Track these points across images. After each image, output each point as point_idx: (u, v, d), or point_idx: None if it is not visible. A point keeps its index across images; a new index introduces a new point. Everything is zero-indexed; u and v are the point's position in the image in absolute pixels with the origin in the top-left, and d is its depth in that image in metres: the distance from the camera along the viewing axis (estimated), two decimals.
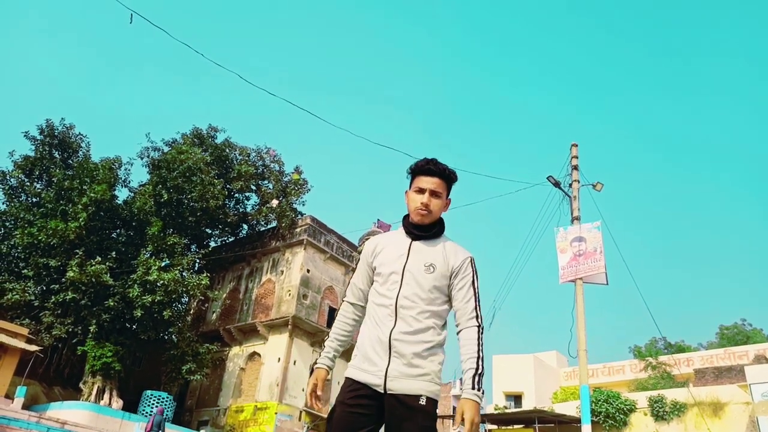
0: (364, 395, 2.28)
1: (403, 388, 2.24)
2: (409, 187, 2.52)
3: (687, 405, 19.69)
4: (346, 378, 2.37)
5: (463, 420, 2.19)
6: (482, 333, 2.37)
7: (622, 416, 20.37)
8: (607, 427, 20.23)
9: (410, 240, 2.47)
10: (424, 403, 2.23)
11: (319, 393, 2.40)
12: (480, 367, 2.29)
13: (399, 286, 2.36)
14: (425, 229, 2.47)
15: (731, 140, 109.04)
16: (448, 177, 2.48)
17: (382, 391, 2.25)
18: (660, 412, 19.99)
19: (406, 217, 2.52)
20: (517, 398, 33.02)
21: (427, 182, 2.44)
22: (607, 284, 12.70)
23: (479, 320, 2.38)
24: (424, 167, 2.47)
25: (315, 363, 2.67)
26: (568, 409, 21.49)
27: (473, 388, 2.24)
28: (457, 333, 2.40)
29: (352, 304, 2.56)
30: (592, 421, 14.16)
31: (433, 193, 2.43)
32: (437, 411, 2.33)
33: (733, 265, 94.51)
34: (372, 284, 2.51)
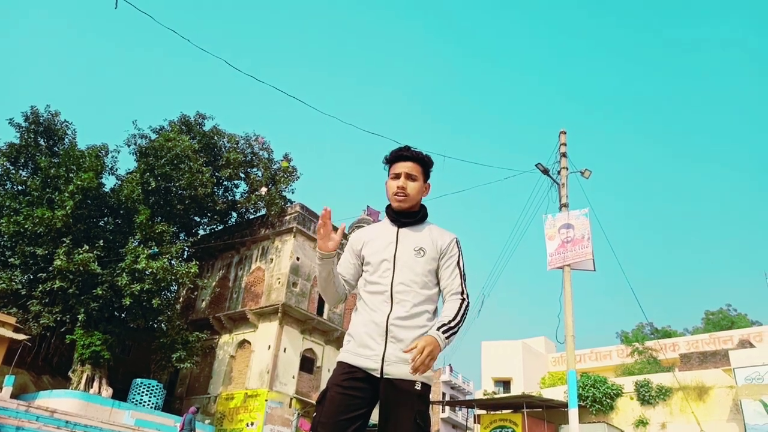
0: (360, 378, 2.30)
1: (400, 373, 2.26)
2: (387, 177, 2.57)
3: (672, 389, 20.01)
4: (340, 362, 2.39)
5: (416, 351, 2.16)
6: (466, 307, 2.40)
7: (608, 401, 20.66)
8: (594, 412, 20.53)
9: (397, 228, 2.52)
10: (419, 388, 2.27)
11: (328, 223, 2.43)
12: (455, 324, 2.30)
13: (392, 272, 2.41)
14: (410, 216, 2.52)
15: (720, 124, 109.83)
16: (422, 161, 2.54)
17: (378, 376, 2.28)
18: (646, 396, 20.30)
19: (389, 207, 2.57)
20: (506, 383, 33.39)
21: (402, 167, 2.50)
22: (595, 270, 12.81)
23: (464, 295, 2.42)
24: (398, 154, 2.54)
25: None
26: (555, 393, 21.76)
27: (439, 330, 2.25)
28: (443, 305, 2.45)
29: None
30: (579, 406, 14.34)
31: (409, 176, 2.49)
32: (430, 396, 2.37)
33: (719, 252, 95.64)
34: (355, 275, 2.55)
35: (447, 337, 2.26)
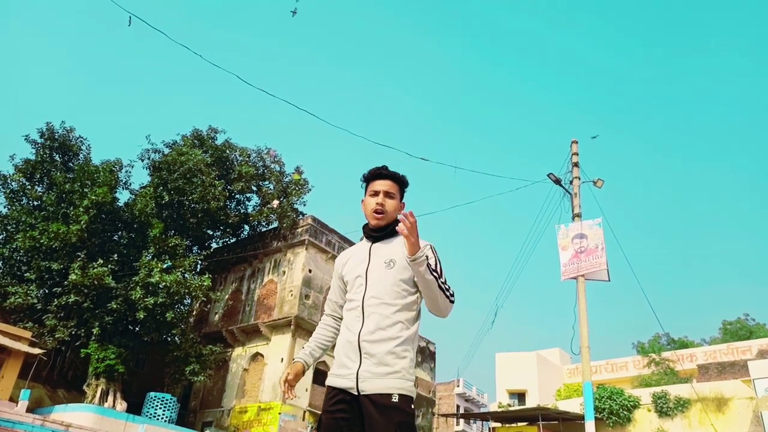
0: (342, 400, 2.36)
1: (374, 388, 2.29)
2: (364, 195, 2.64)
3: (690, 401, 19.68)
4: (326, 387, 2.47)
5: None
6: (447, 289, 2.40)
7: (625, 413, 20.36)
8: (611, 424, 20.24)
9: (370, 243, 2.59)
10: (396, 400, 2.26)
11: (290, 378, 2.56)
12: (435, 276, 2.34)
13: (364, 288, 2.46)
14: (381, 230, 2.57)
15: (735, 134, 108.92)
16: (399, 180, 2.62)
17: (356, 393, 2.31)
18: (664, 408, 19.98)
19: (366, 225, 2.65)
20: (520, 396, 33.04)
21: (380, 185, 2.57)
22: (609, 281, 12.70)
23: (442, 282, 2.40)
24: (376, 173, 2.62)
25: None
26: (571, 406, 21.49)
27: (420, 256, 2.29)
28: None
29: (330, 316, 2.71)
30: (596, 418, 14.15)
31: (387, 194, 2.56)
32: (413, 407, 2.35)
33: (736, 260, 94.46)
34: (345, 297, 2.62)
35: (425, 264, 2.28)
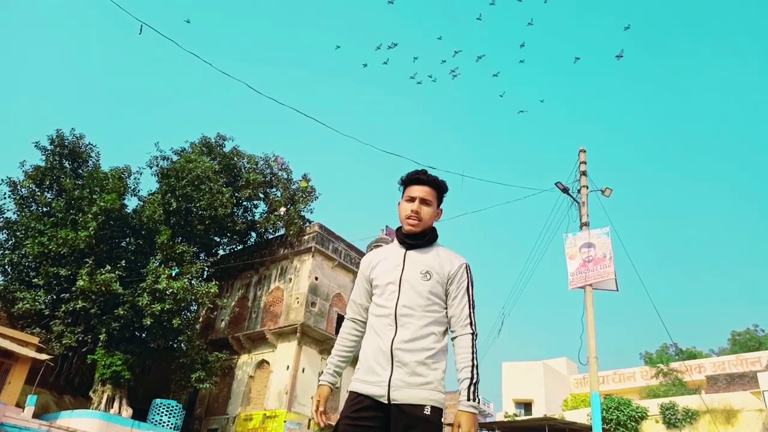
0: (368, 407, 2.28)
1: (407, 398, 2.24)
2: (401, 199, 2.57)
3: (699, 412, 19.50)
4: (350, 392, 2.38)
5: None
6: (476, 340, 2.39)
7: (633, 424, 20.20)
8: None
9: (404, 250, 2.51)
10: (428, 412, 2.23)
11: (321, 409, 2.44)
12: (475, 376, 2.30)
13: (397, 295, 2.39)
14: (418, 238, 2.51)
15: (742, 143, 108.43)
16: (438, 186, 2.54)
17: (386, 402, 2.25)
18: (672, 419, 19.81)
19: (399, 229, 2.58)
20: (527, 406, 32.81)
21: (417, 191, 2.50)
22: (618, 290, 12.61)
23: (473, 327, 2.40)
24: (414, 177, 2.54)
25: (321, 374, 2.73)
26: (578, 416, 21.34)
27: (469, 399, 2.24)
28: (452, 339, 2.42)
29: (352, 320, 2.61)
30: (603, 429, 14.05)
31: (423, 201, 2.48)
32: (443, 419, 2.33)
33: (745, 270, 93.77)
34: (371, 299, 2.54)
35: (475, 398, 2.25)
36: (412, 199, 2.49)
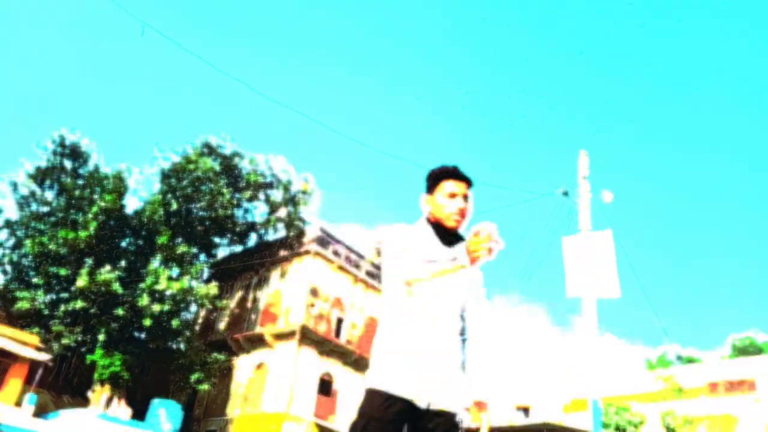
0: (401, 410, 2.16)
1: (443, 404, 2.19)
2: (428, 192, 2.46)
3: (698, 418, 19.48)
4: (377, 391, 2.19)
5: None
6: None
7: (632, 429, 20.17)
8: None
9: (447, 247, 2.36)
10: (460, 419, 2.23)
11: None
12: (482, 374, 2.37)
13: (441, 294, 2.31)
14: (460, 237, 2.41)
15: (746, 146, 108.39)
16: (472, 185, 2.48)
17: (423, 406, 2.17)
18: (671, 425, 19.79)
19: (435, 223, 2.42)
20: (526, 410, 32.77)
21: (461, 187, 2.42)
22: (619, 296, 12.56)
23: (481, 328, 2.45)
24: (455, 172, 2.43)
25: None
26: (578, 421, 21.29)
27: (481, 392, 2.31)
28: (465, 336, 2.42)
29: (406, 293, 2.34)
30: None
31: (466, 198, 2.42)
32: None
33: (745, 276, 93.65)
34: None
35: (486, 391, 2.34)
36: (454, 195, 2.39)
